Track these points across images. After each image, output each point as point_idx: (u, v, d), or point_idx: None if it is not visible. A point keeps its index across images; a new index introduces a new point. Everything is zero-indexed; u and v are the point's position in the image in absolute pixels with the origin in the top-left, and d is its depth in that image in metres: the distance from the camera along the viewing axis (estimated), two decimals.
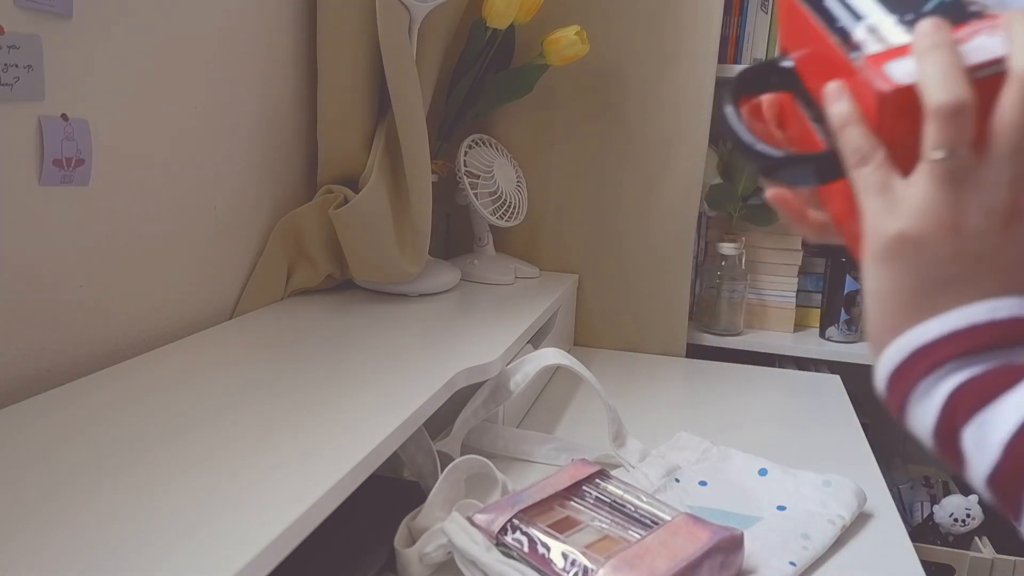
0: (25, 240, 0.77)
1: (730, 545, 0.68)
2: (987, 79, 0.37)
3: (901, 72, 0.37)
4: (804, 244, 1.54)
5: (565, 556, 0.63)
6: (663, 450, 0.95)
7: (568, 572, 0.61)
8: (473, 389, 0.91)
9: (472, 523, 0.67)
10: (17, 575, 0.49)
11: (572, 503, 0.71)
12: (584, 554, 0.62)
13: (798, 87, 0.46)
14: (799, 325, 1.62)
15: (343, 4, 1.11)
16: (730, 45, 1.45)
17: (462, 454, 0.80)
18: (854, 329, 1.56)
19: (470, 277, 1.34)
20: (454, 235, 1.50)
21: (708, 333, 1.57)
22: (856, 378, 1.44)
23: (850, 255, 1.48)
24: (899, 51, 0.38)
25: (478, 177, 1.32)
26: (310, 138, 1.21)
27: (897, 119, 0.38)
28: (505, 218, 1.34)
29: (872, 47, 0.40)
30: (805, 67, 0.46)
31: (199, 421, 0.71)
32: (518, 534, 0.65)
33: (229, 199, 1.06)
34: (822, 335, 1.59)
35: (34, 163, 0.76)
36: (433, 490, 0.73)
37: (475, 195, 1.30)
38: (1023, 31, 0.37)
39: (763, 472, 0.91)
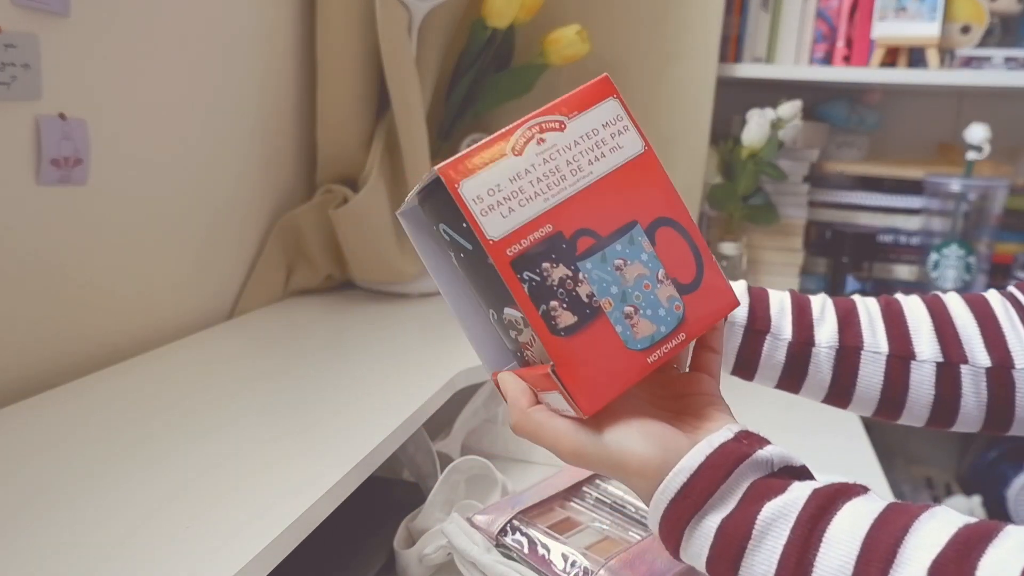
0: (23, 240, 0.77)
1: None
2: None
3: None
4: (806, 244, 1.54)
5: (565, 557, 0.62)
6: None
7: (568, 573, 0.61)
8: (473, 389, 0.91)
9: (472, 524, 0.66)
10: (19, 572, 0.49)
11: (572, 504, 0.71)
12: (584, 555, 0.62)
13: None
14: None
15: (343, 4, 1.11)
16: (731, 44, 1.44)
17: (462, 455, 0.79)
18: None
19: None
20: None
21: None
22: None
23: (849, 258, 1.45)
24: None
25: None
26: (309, 138, 1.21)
27: None
28: None
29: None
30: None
31: (198, 421, 0.71)
32: (518, 535, 0.64)
33: (228, 199, 1.06)
34: None
35: (31, 162, 0.76)
36: (433, 491, 0.73)
37: None
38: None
39: None
